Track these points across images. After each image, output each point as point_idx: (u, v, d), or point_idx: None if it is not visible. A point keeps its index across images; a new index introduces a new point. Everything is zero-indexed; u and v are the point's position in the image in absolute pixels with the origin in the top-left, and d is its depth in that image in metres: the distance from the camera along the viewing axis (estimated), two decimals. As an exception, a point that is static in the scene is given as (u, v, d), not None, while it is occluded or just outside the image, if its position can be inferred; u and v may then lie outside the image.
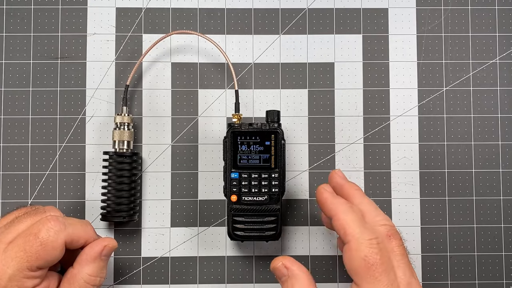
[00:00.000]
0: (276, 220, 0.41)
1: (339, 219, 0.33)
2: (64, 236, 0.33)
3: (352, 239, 0.31)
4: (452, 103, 0.47)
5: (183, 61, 0.47)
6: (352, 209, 0.34)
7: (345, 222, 0.32)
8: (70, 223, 0.35)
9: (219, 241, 0.45)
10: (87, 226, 0.37)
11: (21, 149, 0.45)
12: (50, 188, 0.45)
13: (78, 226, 0.35)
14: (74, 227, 0.35)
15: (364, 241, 0.31)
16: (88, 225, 0.37)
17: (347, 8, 0.47)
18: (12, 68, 0.46)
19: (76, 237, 0.34)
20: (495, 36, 0.47)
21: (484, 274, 0.45)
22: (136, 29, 0.47)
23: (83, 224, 0.36)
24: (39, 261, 0.32)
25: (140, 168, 0.45)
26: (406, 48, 0.47)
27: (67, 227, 0.34)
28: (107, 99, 0.46)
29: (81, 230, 0.35)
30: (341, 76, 0.47)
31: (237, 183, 0.41)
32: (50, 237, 0.32)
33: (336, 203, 0.34)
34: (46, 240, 0.32)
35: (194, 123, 0.46)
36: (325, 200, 0.35)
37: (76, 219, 0.37)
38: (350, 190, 0.36)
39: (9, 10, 0.46)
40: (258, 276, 0.45)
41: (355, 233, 0.32)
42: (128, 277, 0.44)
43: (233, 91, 0.45)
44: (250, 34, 0.47)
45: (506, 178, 0.46)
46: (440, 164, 0.46)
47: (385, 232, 0.33)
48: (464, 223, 0.46)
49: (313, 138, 0.46)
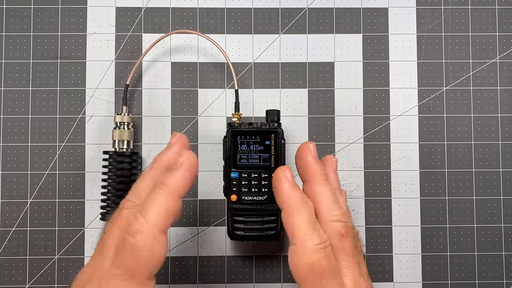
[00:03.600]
0: (276, 219, 0.41)
1: (289, 215, 0.30)
2: (152, 228, 0.27)
3: (299, 243, 0.29)
4: (452, 102, 0.47)
5: (183, 61, 0.46)
6: (306, 206, 0.30)
7: (295, 222, 0.29)
8: (146, 207, 0.27)
9: (219, 241, 0.45)
10: (163, 188, 0.28)
11: (21, 148, 0.45)
12: (50, 188, 0.45)
13: (159, 198, 0.27)
14: (154, 208, 0.27)
15: (312, 246, 0.28)
16: (162, 185, 0.28)
17: (347, 7, 0.47)
18: (12, 67, 0.46)
19: (166, 213, 0.27)
20: (495, 35, 0.47)
21: (484, 274, 0.45)
22: (136, 28, 0.47)
23: (158, 191, 0.28)
24: None
25: (140, 167, 0.45)
26: (406, 47, 0.47)
27: (147, 215, 0.27)
28: (107, 99, 0.46)
29: (164, 198, 0.27)
30: (341, 76, 0.47)
31: (237, 182, 0.41)
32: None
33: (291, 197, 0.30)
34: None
35: (194, 123, 0.46)
36: (281, 189, 0.30)
37: (150, 192, 0.28)
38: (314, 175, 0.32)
39: (9, 9, 0.46)
40: (258, 276, 0.45)
41: (303, 237, 0.29)
42: (128, 277, 0.44)
43: (233, 90, 0.45)
44: (250, 33, 0.47)
45: (506, 178, 0.46)
46: (440, 164, 0.46)
47: (338, 229, 0.30)
48: (464, 223, 0.46)
49: (313, 137, 0.46)
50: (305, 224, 0.29)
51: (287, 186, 0.30)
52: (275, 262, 0.45)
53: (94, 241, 0.45)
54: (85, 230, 0.45)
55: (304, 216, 0.30)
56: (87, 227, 0.45)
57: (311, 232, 0.29)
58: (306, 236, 0.29)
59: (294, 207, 0.30)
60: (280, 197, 0.31)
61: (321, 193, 0.31)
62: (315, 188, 0.32)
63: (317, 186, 0.32)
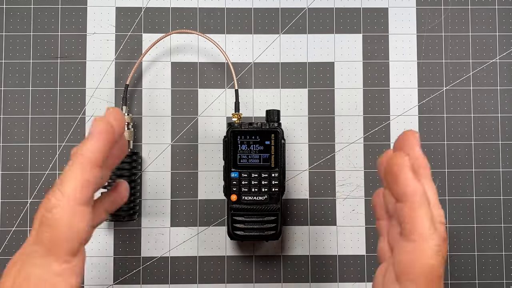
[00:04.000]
0: (276, 219, 0.41)
1: (412, 210, 0.27)
2: (69, 201, 0.26)
3: (420, 241, 0.26)
4: (452, 102, 0.47)
5: (183, 61, 0.46)
6: (427, 199, 0.27)
7: (418, 218, 0.26)
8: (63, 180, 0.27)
9: (219, 241, 0.45)
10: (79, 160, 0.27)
11: (21, 148, 0.45)
12: (50, 188, 0.45)
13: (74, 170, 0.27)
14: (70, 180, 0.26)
15: (433, 247, 0.26)
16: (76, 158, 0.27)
17: (347, 7, 0.47)
18: (12, 67, 0.46)
19: (82, 184, 0.26)
20: (495, 35, 0.47)
21: (484, 274, 0.45)
22: (136, 28, 0.47)
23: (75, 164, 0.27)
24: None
25: (140, 167, 0.45)
26: (406, 47, 0.47)
27: (64, 188, 0.26)
28: (107, 99, 0.46)
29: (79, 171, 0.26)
30: (341, 76, 0.47)
31: (237, 182, 0.41)
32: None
33: (416, 189, 0.27)
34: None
35: (194, 123, 0.46)
36: (404, 179, 0.27)
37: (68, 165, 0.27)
38: (423, 168, 0.29)
39: (9, 9, 0.46)
40: (258, 276, 0.45)
41: (426, 235, 0.26)
42: (127, 277, 0.44)
43: (233, 90, 0.45)
44: (250, 33, 0.47)
45: (506, 178, 0.46)
46: (440, 164, 0.46)
47: (443, 234, 0.28)
48: (464, 223, 0.46)
49: (313, 137, 0.46)
50: (429, 222, 0.27)
51: (411, 177, 0.27)
52: (275, 262, 0.45)
53: (94, 241, 0.45)
54: (85, 230, 0.45)
55: (427, 208, 0.27)
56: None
57: (433, 231, 0.27)
58: (429, 235, 0.26)
59: (419, 201, 0.27)
60: (402, 188, 0.27)
61: (429, 190, 0.29)
62: (423, 183, 0.29)
63: (426, 180, 0.29)
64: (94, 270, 0.44)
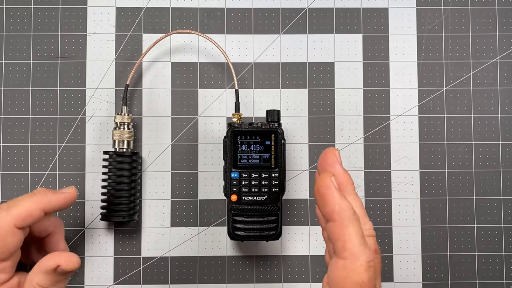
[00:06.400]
0: (276, 219, 0.41)
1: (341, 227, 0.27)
2: (10, 220, 0.32)
3: (350, 258, 0.27)
4: (452, 103, 0.47)
5: (183, 61, 0.46)
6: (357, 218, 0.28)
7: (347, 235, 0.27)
8: (12, 204, 0.33)
9: (219, 241, 0.45)
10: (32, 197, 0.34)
11: (21, 148, 0.45)
12: (50, 188, 0.45)
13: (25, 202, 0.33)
14: (18, 207, 0.33)
15: (363, 263, 0.27)
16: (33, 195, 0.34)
17: (347, 7, 0.47)
18: (12, 68, 0.46)
19: (26, 214, 0.33)
20: (495, 36, 0.47)
21: (484, 274, 0.45)
22: (136, 28, 0.47)
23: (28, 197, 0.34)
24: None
25: (140, 167, 0.45)
26: (406, 47, 0.47)
27: (10, 210, 0.33)
28: (107, 99, 0.46)
29: (29, 204, 0.33)
30: (341, 76, 0.47)
31: (237, 182, 0.41)
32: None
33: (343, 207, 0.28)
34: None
35: (194, 123, 0.46)
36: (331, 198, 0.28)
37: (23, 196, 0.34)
38: (346, 185, 0.30)
39: (9, 10, 0.46)
40: (258, 276, 0.45)
41: (356, 252, 0.27)
42: (128, 277, 0.44)
43: (233, 90, 0.45)
44: (250, 33, 0.47)
45: (506, 178, 0.46)
46: (440, 164, 0.46)
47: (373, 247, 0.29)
48: (464, 223, 0.46)
49: (313, 137, 0.46)
50: (358, 238, 0.27)
51: (337, 195, 0.28)
52: (275, 262, 0.45)
53: (94, 241, 0.45)
54: (85, 230, 0.45)
55: (356, 226, 0.28)
56: (87, 227, 0.45)
57: (363, 247, 0.27)
58: (359, 252, 0.27)
59: (347, 219, 0.27)
60: (330, 207, 0.28)
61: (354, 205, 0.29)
62: (348, 198, 0.29)
63: (351, 196, 0.30)
64: (94, 270, 0.44)
